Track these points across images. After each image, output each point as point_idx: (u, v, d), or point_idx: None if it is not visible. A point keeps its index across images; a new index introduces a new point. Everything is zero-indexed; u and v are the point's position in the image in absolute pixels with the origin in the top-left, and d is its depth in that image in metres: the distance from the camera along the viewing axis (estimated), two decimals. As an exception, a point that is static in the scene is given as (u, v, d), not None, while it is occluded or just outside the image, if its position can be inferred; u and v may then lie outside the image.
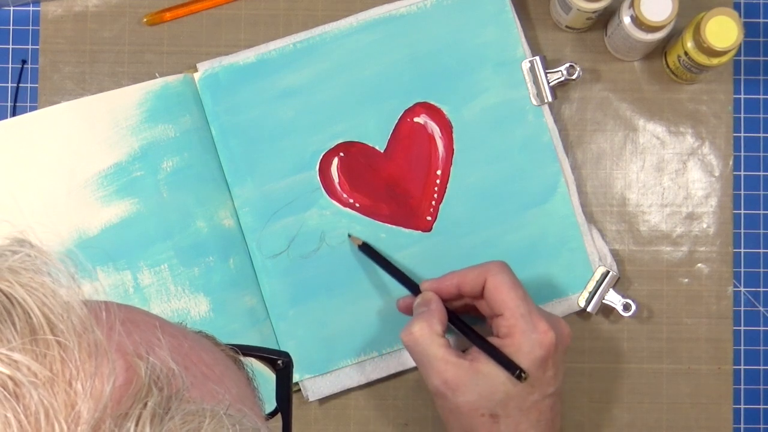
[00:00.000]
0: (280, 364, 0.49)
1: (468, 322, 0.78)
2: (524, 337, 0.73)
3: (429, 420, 0.84)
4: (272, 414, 0.49)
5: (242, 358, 0.44)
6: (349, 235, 0.83)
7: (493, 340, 0.74)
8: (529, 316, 0.73)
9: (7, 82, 0.86)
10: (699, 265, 0.86)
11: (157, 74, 0.85)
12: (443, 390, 0.73)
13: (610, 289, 0.83)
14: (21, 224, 0.36)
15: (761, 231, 0.86)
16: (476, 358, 0.74)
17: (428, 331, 0.74)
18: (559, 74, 0.84)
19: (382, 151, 0.84)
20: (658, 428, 0.85)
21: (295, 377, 0.83)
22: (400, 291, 0.82)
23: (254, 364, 0.47)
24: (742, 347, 0.85)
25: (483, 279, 0.75)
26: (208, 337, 0.43)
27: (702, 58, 0.79)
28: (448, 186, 0.84)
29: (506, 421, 0.73)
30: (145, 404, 0.32)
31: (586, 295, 0.84)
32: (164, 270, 0.81)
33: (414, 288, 0.80)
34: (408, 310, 0.79)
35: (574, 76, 0.84)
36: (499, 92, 0.84)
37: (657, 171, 0.86)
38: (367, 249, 0.82)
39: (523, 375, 0.72)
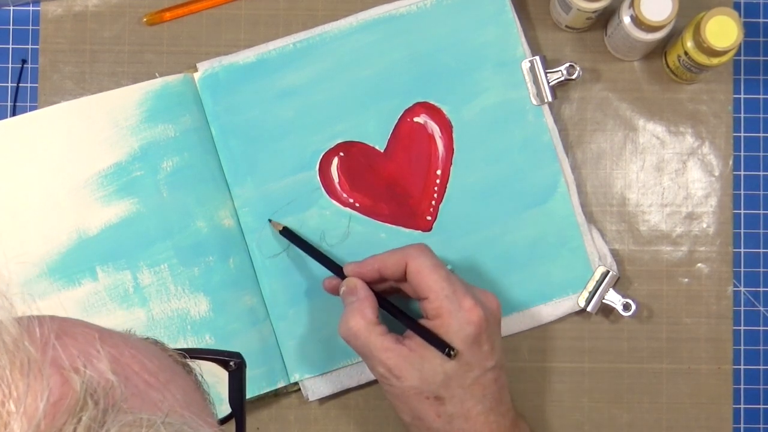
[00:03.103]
0: (233, 365, 0.49)
1: (399, 304, 0.78)
2: (451, 317, 0.73)
3: (429, 420, 0.84)
4: (228, 418, 0.48)
5: (191, 362, 0.43)
6: (270, 220, 0.83)
7: (423, 322, 0.75)
8: (453, 296, 0.73)
9: (7, 82, 0.86)
10: (699, 265, 0.86)
11: (157, 74, 0.85)
12: (388, 376, 0.74)
13: (610, 289, 0.83)
14: None
15: (761, 231, 0.86)
16: (413, 343, 0.74)
17: (364, 324, 0.75)
18: (559, 74, 0.84)
19: (382, 151, 0.84)
20: (658, 428, 0.85)
21: (295, 377, 0.83)
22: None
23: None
24: (742, 347, 0.85)
25: (404, 263, 0.75)
26: (156, 343, 0.42)
27: (702, 58, 0.79)
28: (448, 186, 0.84)
29: (451, 401, 0.73)
30: (80, 419, 0.32)
31: (586, 295, 0.84)
32: (164, 270, 0.81)
33: (338, 270, 0.80)
34: (334, 291, 0.80)
35: (574, 76, 0.84)
36: (499, 92, 0.84)
37: (657, 171, 0.86)
38: (288, 233, 0.82)
39: (452, 352, 0.72)
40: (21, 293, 0.35)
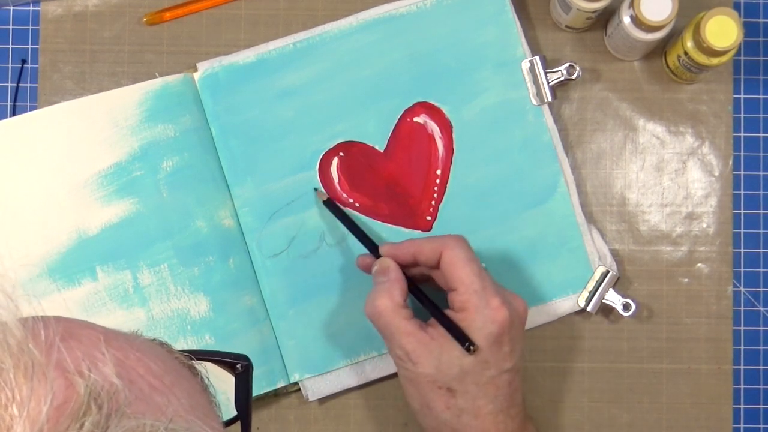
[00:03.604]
0: (239, 367, 0.49)
1: (428, 292, 0.78)
2: (477, 312, 0.73)
3: (429, 420, 0.84)
4: (233, 420, 0.48)
5: (197, 364, 0.43)
6: (315, 189, 0.83)
7: (448, 313, 0.75)
8: (482, 291, 0.73)
9: (7, 82, 0.86)
10: (699, 265, 0.86)
11: (156, 74, 0.85)
12: (405, 360, 0.74)
13: (610, 289, 0.83)
14: None
15: (761, 231, 0.86)
16: (435, 331, 0.74)
17: (390, 305, 0.75)
18: (559, 74, 0.84)
19: (382, 151, 0.84)
20: (658, 428, 0.85)
21: (295, 377, 0.83)
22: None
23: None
24: (742, 347, 0.85)
25: (439, 252, 0.75)
26: (162, 344, 0.42)
27: (702, 58, 0.79)
28: (447, 186, 0.84)
29: (463, 396, 0.73)
30: (82, 424, 0.32)
31: (586, 294, 0.84)
32: (164, 270, 0.81)
33: (374, 249, 0.80)
34: (367, 269, 0.80)
35: (573, 76, 0.84)
36: (499, 92, 0.84)
37: (657, 171, 0.86)
38: (331, 205, 0.83)
39: (472, 348, 0.72)
40: (26, 295, 0.35)
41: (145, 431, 0.33)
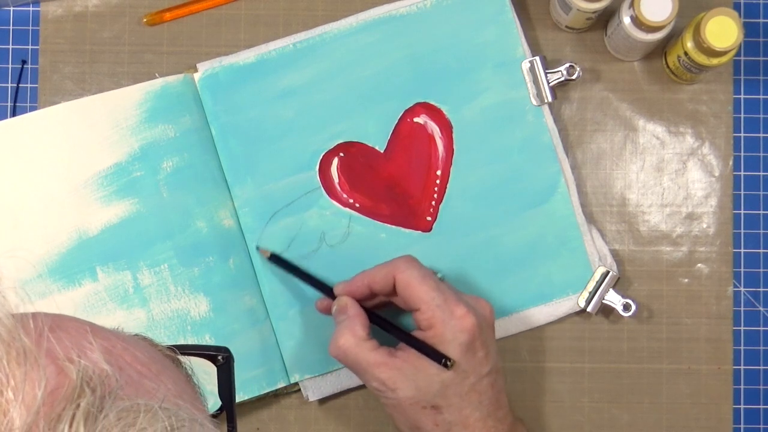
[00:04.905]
0: (220, 359, 0.50)
1: (393, 316, 0.78)
2: (445, 326, 0.73)
3: (429, 420, 0.84)
4: (219, 411, 0.49)
5: (180, 357, 0.44)
6: (258, 248, 0.83)
7: (416, 333, 0.75)
8: (445, 304, 0.73)
9: (7, 82, 0.86)
10: (699, 265, 0.86)
11: (156, 74, 0.85)
12: (383, 389, 0.74)
13: (610, 289, 0.83)
14: None
15: (761, 231, 0.86)
16: (407, 354, 0.74)
17: (354, 341, 0.75)
18: (559, 74, 0.84)
19: (382, 151, 0.84)
20: (658, 428, 0.85)
21: (295, 377, 0.83)
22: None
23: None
24: (742, 347, 0.85)
25: (392, 277, 0.75)
26: (145, 338, 0.43)
27: (702, 58, 0.79)
28: (448, 186, 0.84)
29: (449, 409, 0.73)
30: (78, 405, 0.33)
31: (586, 295, 0.84)
32: (164, 270, 0.81)
33: (329, 292, 0.80)
34: (327, 311, 0.80)
35: (574, 76, 0.84)
36: (499, 92, 0.84)
37: (657, 171, 0.86)
38: (276, 259, 0.82)
39: (449, 363, 0.72)
40: (14, 288, 0.35)
41: (140, 411, 0.33)
